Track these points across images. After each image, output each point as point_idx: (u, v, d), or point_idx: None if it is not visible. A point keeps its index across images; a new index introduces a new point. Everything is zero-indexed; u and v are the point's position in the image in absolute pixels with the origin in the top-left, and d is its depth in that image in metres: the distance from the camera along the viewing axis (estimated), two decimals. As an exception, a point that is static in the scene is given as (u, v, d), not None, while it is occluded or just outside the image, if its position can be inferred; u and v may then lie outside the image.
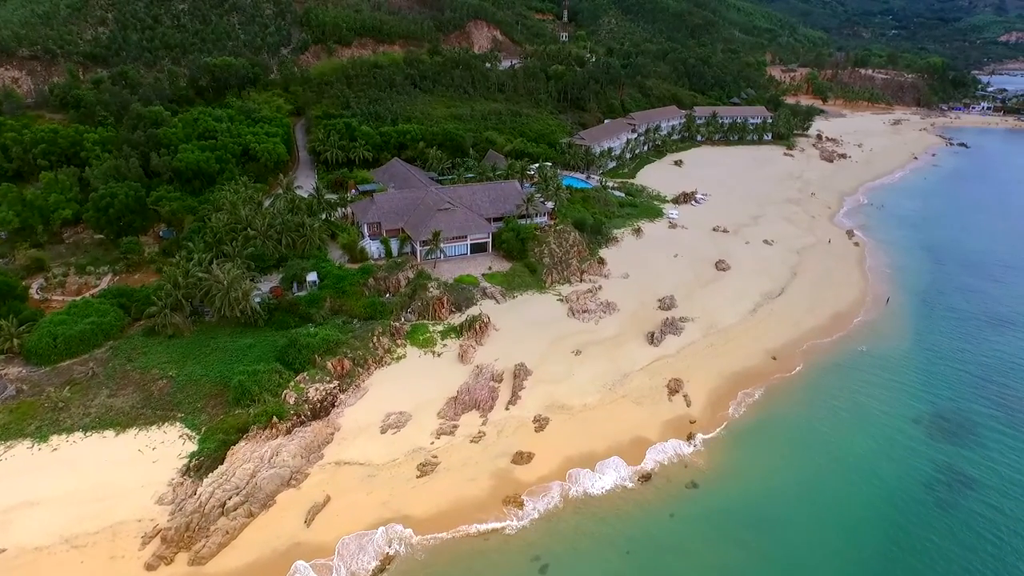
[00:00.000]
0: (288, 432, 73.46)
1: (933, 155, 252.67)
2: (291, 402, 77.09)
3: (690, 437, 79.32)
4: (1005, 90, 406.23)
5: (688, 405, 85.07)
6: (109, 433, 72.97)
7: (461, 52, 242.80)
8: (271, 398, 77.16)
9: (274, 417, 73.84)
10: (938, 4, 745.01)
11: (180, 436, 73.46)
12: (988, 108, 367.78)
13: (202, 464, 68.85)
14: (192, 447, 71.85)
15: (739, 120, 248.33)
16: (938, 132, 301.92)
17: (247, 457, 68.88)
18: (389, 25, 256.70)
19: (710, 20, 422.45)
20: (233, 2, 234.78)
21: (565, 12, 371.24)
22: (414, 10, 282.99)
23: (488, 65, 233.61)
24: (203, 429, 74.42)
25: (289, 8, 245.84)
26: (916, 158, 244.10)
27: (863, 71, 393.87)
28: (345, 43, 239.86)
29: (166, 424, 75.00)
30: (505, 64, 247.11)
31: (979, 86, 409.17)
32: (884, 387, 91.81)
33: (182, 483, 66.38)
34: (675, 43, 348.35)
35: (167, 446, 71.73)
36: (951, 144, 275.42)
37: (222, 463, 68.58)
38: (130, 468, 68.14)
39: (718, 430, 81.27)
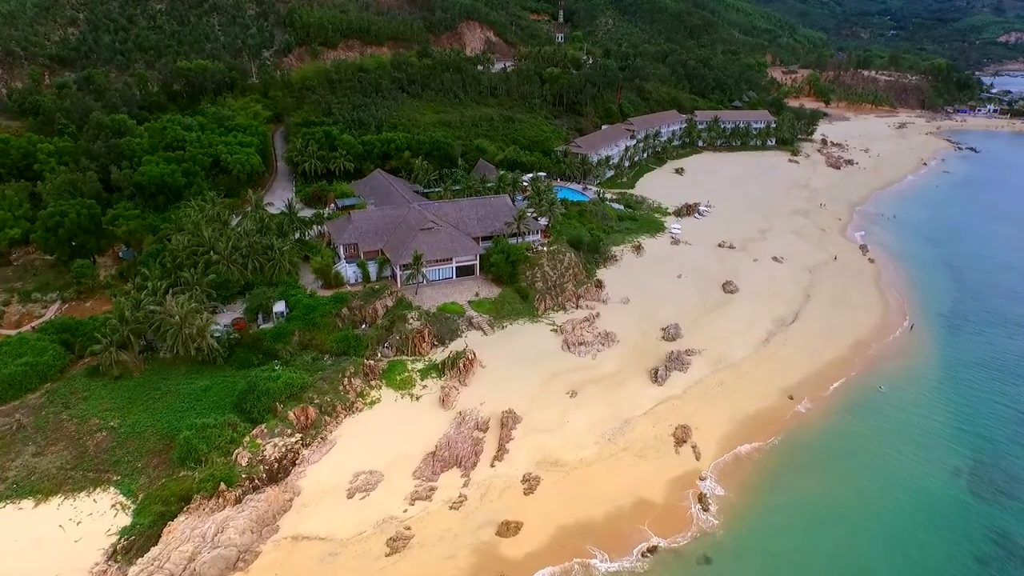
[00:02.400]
0: (238, 501, 63.44)
1: (942, 160, 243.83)
2: (243, 464, 67.06)
3: (701, 499, 69.63)
4: (1009, 92, 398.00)
5: (697, 458, 75.33)
6: (27, 503, 62.91)
7: (452, 54, 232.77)
8: (221, 459, 67.20)
9: (222, 483, 63.82)
10: (936, 4, 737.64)
11: (113, 505, 63.41)
12: (994, 111, 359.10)
13: (133, 544, 58.86)
14: (125, 520, 61.79)
15: (742, 125, 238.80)
16: (945, 136, 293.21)
17: (186, 535, 58.85)
18: (377, 26, 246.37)
19: (709, 20, 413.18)
20: (213, 2, 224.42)
21: (561, 12, 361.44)
22: (404, 10, 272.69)
23: (480, 68, 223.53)
24: (140, 496, 64.42)
25: (272, 8, 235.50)
26: (925, 164, 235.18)
27: (866, 73, 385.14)
28: (331, 45, 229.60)
29: (98, 490, 64.99)
30: (498, 66, 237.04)
31: (983, 88, 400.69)
32: (917, 431, 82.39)
33: (106, 571, 56.23)
34: (674, 44, 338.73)
35: (95, 519, 61.62)
36: (960, 149, 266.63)
37: (157, 543, 58.48)
38: (46, 550, 58.02)
39: (732, 489, 71.53)
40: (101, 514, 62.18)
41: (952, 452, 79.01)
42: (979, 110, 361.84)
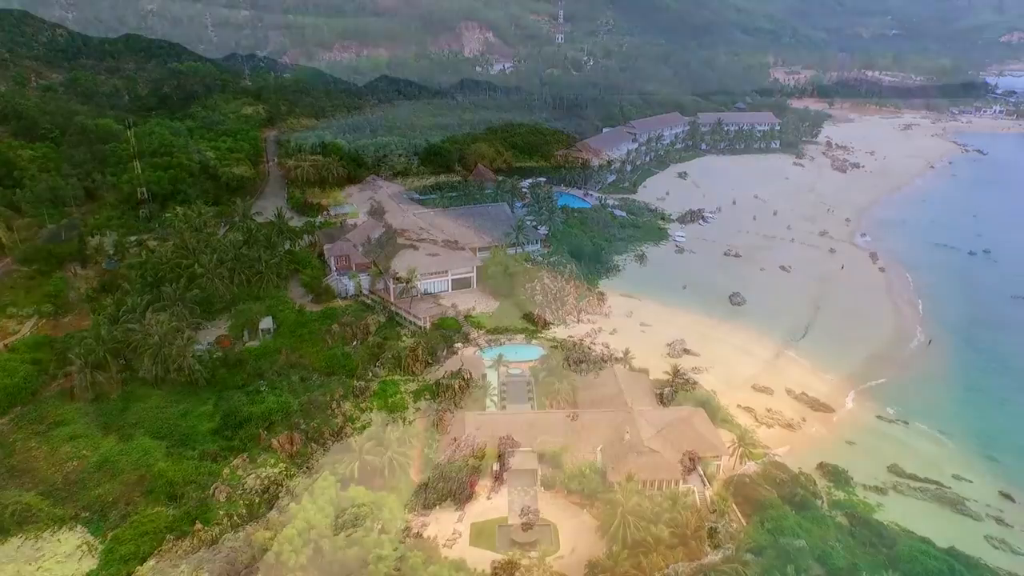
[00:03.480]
0: (214, 541, 58.94)
1: (949, 163, 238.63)
2: (222, 499, 62.59)
3: (711, 533, 65.15)
4: (1015, 92, 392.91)
5: (705, 486, 70.69)
6: (-15, 545, 58.38)
7: (450, 55, 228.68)
8: (197, 493, 62.71)
9: (197, 521, 59.36)
10: (937, 4, 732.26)
11: (79, 546, 58.85)
12: (1000, 112, 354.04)
13: (98, 592, 54.35)
14: (90, 563, 57.24)
15: (745, 127, 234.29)
16: (951, 137, 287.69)
17: (156, 582, 54.40)
18: (374, 27, 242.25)
19: (711, 21, 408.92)
20: (207, 3, 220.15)
21: (561, 12, 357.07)
22: (402, 11, 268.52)
23: (479, 69, 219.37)
24: (109, 535, 59.80)
25: (267, 9, 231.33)
26: (932, 167, 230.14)
27: (869, 73, 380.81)
28: (326, 46, 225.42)
29: (64, 528, 60.40)
30: (497, 68, 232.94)
31: (987, 88, 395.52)
32: (938, 459, 77.76)
33: (66, 623, 51.87)
34: (676, 45, 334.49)
35: (58, 563, 57.10)
36: (967, 151, 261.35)
37: (124, 590, 54.10)
38: (2, 600, 53.67)
39: (743, 518, 67.06)
40: (65, 557, 57.63)
41: (983, 483, 74.42)
42: (984, 111, 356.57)
